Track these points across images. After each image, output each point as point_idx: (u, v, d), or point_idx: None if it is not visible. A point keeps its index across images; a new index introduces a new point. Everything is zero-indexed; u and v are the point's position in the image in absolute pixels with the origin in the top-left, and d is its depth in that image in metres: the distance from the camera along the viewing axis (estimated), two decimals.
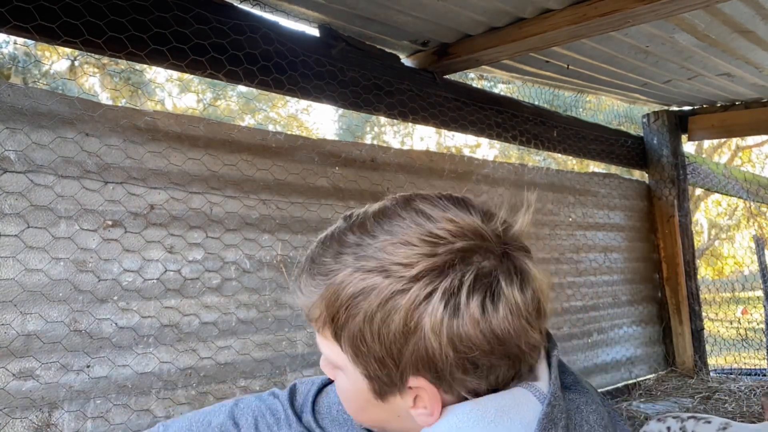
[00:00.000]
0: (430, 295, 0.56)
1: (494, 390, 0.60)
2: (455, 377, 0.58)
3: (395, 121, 2.85)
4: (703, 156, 7.91)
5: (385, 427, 0.67)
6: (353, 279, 0.59)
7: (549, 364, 0.63)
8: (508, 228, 0.61)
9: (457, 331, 0.56)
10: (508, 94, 3.51)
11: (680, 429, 2.25)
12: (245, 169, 1.99)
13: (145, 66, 2.01)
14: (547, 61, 2.79)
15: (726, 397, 3.12)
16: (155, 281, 1.76)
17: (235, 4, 2.01)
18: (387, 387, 0.61)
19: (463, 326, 0.56)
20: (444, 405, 0.60)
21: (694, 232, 4.09)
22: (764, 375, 3.89)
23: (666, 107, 3.96)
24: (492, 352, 0.57)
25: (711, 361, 4.11)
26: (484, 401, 0.58)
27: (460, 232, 0.58)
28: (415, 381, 0.59)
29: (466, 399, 0.60)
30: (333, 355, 0.64)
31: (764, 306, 5.01)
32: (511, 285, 0.58)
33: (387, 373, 0.60)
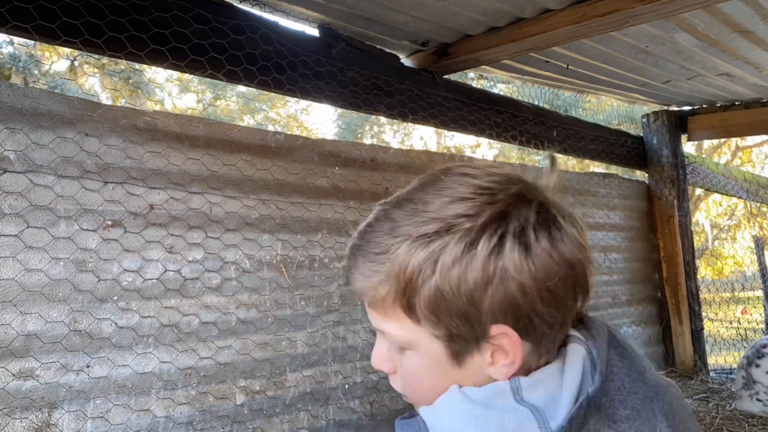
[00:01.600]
0: (502, 238, 0.59)
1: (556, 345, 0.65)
2: (536, 311, 0.60)
3: (395, 121, 2.85)
4: (703, 156, 7.91)
5: None
6: (419, 244, 0.60)
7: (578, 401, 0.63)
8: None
9: (535, 264, 0.59)
10: (508, 94, 3.51)
11: None
12: (245, 169, 1.99)
13: (144, 66, 2.02)
14: (547, 61, 2.79)
15: (725, 399, 3.12)
16: (155, 281, 1.76)
17: (235, 4, 2.01)
18: (467, 344, 0.62)
19: (538, 259, 0.60)
20: (521, 360, 0.62)
21: (694, 232, 4.08)
22: None
23: (666, 107, 3.96)
24: (566, 278, 0.61)
25: (711, 360, 4.11)
26: (493, 412, 0.59)
27: (506, 180, 0.64)
28: (497, 328, 0.61)
29: (538, 355, 0.63)
30: (404, 333, 0.64)
31: (764, 306, 5.01)
32: (564, 220, 0.63)
33: (469, 326, 0.61)
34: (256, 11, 2.06)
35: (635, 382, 0.64)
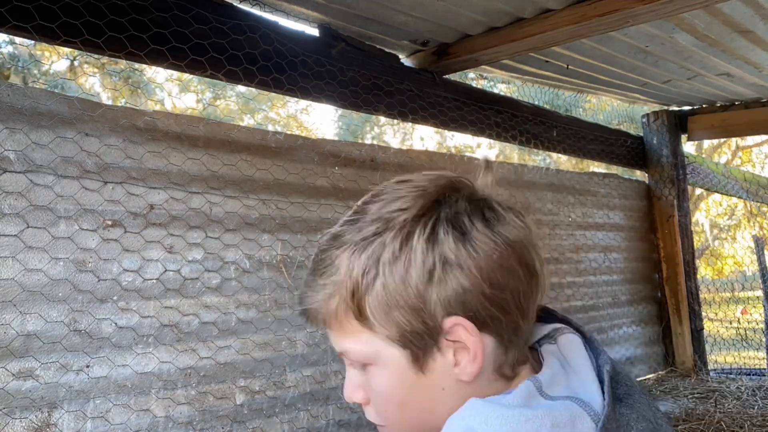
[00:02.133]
0: (435, 226, 0.59)
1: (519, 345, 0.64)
2: (485, 295, 0.59)
3: (395, 121, 2.85)
4: (703, 156, 7.91)
5: (427, 421, 0.65)
6: (360, 247, 0.61)
7: (600, 378, 0.63)
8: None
9: (474, 247, 0.59)
10: (508, 94, 3.51)
11: None
12: (245, 169, 1.99)
13: (144, 66, 2.02)
14: (547, 61, 2.79)
15: (725, 398, 3.12)
16: (155, 281, 1.76)
17: (235, 3, 2.01)
18: (424, 344, 0.61)
19: (476, 242, 0.59)
20: (485, 353, 0.61)
21: (694, 231, 4.09)
22: (763, 375, 3.89)
23: (666, 107, 3.96)
24: (509, 258, 0.60)
25: (710, 360, 4.11)
26: (540, 411, 0.57)
27: (438, 176, 0.65)
28: (450, 321, 0.60)
29: (503, 349, 0.62)
30: (363, 347, 0.63)
31: (764, 306, 5.01)
32: (499, 205, 0.63)
33: (421, 322, 0.60)
34: (256, 11, 2.06)
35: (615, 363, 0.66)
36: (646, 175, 4.01)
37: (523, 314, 0.63)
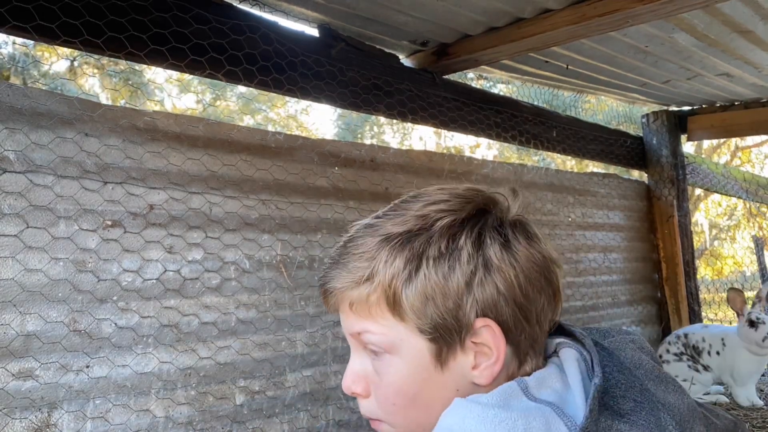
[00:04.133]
0: (481, 232, 0.63)
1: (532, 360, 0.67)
2: (517, 303, 0.63)
3: (394, 121, 2.86)
4: (703, 156, 7.91)
5: (430, 420, 0.64)
6: (403, 240, 0.63)
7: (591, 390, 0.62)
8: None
9: (514, 256, 0.63)
10: (508, 94, 3.51)
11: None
12: (245, 169, 1.99)
13: (144, 66, 2.02)
14: (547, 61, 2.79)
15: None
16: (155, 281, 1.76)
17: (235, 4, 2.01)
18: (451, 340, 0.63)
19: (517, 252, 0.63)
20: (503, 363, 0.63)
21: (694, 232, 4.09)
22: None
23: (665, 107, 3.96)
24: (542, 274, 0.64)
25: None
26: (515, 413, 0.57)
27: (479, 190, 0.68)
28: (481, 321, 0.62)
29: (518, 360, 0.65)
30: (388, 332, 0.64)
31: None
32: (536, 229, 0.68)
33: (455, 319, 0.62)
34: (255, 11, 2.06)
35: (629, 378, 0.64)
36: (646, 175, 4.01)
37: (541, 328, 0.66)
